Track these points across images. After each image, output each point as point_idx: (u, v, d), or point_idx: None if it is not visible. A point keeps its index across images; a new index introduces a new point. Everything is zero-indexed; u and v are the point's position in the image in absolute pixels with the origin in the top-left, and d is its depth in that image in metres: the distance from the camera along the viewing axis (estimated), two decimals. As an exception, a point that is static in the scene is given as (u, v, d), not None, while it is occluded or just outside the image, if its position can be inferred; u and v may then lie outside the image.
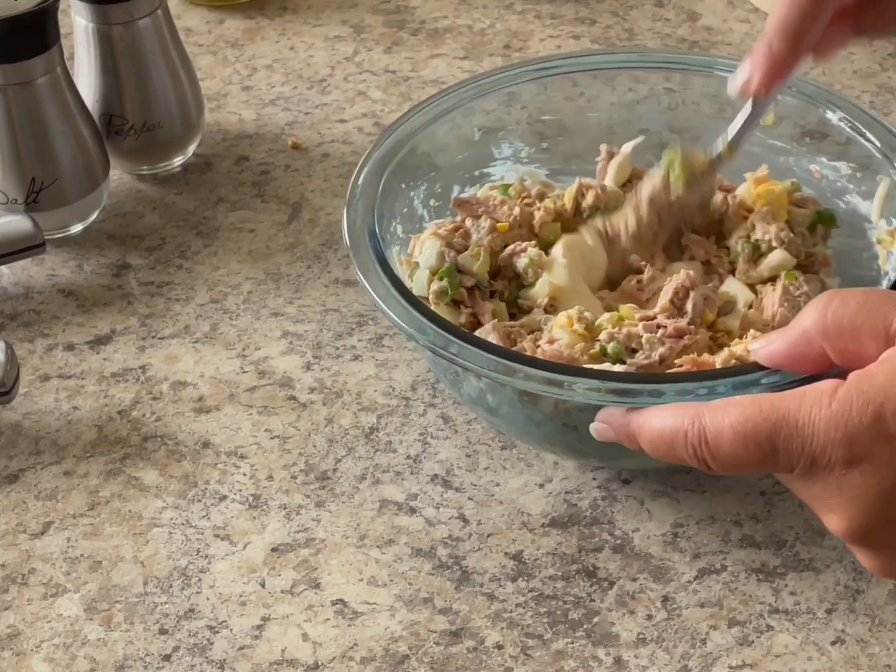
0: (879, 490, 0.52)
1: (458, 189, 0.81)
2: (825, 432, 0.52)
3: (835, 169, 0.78)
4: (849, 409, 0.51)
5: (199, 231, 0.89)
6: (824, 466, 0.52)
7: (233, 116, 0.98)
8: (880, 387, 0.51)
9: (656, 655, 0.66)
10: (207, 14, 1.09)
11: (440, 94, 0.81)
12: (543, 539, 0.71)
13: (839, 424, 0.51)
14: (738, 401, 0.55)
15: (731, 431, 0.54)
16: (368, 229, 0.73)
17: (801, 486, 0.54)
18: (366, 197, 0.75)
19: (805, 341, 0.56)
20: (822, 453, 0.52)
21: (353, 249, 0.72)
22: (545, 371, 0.65)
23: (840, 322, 0.54)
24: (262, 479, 0.74)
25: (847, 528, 0.53)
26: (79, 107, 0.86)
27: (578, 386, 0.64)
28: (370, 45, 1.05)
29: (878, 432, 0.51)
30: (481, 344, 0.66)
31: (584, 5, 1.08)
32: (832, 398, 0.52)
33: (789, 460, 0.53)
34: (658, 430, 0.58)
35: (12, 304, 0.85)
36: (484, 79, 0.82)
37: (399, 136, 0.78)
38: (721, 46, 1.03)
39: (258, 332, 0.82)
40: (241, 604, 0.68)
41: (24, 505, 0.73)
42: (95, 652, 0.67)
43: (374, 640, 0.67)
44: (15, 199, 0.86)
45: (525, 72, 0.82)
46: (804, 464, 0.53)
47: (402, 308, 0.68)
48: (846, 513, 0.53)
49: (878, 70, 1.01)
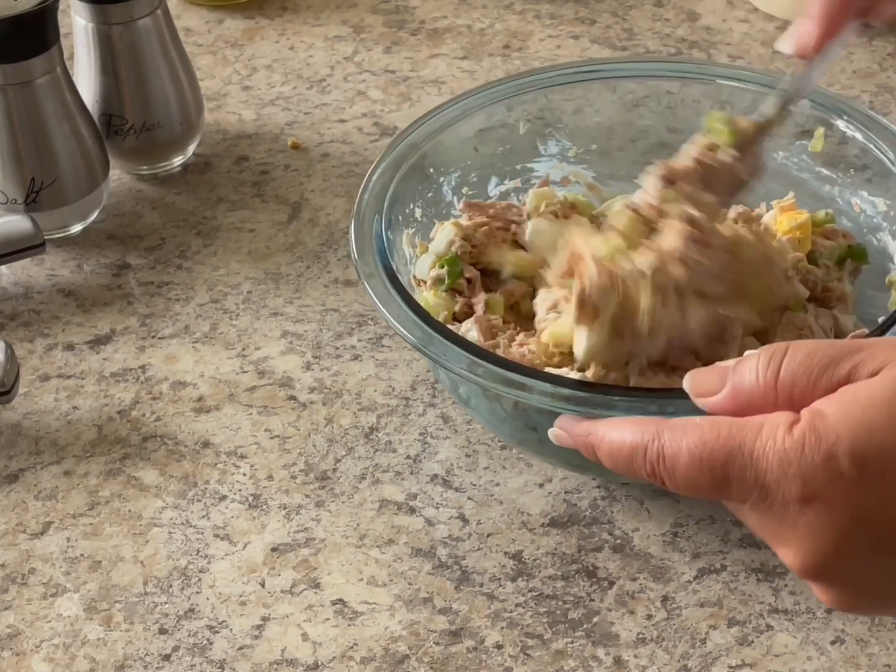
0: (833, 528, 0.51)
1: (496, 180, 0.82)
2: (778, 467, 0.52)
3: (873, 204, 0.77)
4: (802, 446, 0.51)
5: (198, 231, 0.89)
6: (779, 501, 0.52)
7: (232, 116, 0.98)
8: (832, 427, 0.51)
9: (656, 655, 0.66)
10: (207, 14, 1.09)
11: (485, 86, 0.81)
12: (543, 539, 0.71)
13: (792, 461, 0.51)
14: (699, 423, 0.54)
15: (688, 454, 0.54)
16: (375, 212, 0.74)
17: (756, 519, 0.54)
18: (381, 184, 0.75)
19: (751, 405, 0.55)
20: (775, 488, 0.52)
21: (357, 223, 0.73)
22: (503, 370, 0.65)
23: (790, 393, 0.53)
24: (261, 479, 0.74)
25: (802, 564, 0.53)
26: (78, 107, 0.86)
27: (532, 389, 0.64)
28: (370, 44, 1.05)
29: (831, 471, 0.51)
30: (451, 337, 0.67)
31: (584, 5, 1.08)
32: (787, 434, 0.52)
33: (742, 491, 0.53)
34: (618, 444, 0.57)
35: (12, 304, 0.85)
36: (536, 74, 0.82)
37: (437, 122, 0.79)
38: (720, 46, 1.03)
39: (258, 331, 0.82)
40: (241, 604, 0.68)
41: (24, 505, 0.73)
42: (95, 652, 0.67)
43: (374, 639, 0.67)
44: (15, 199, 0.86)
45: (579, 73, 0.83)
46: (758, 496, 0.53)
47: (384, 290, 0.69)
48: (801, 549, 0.52)
49: (877, 70, 1.01)
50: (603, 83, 0.82)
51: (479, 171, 0.81)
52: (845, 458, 0.50)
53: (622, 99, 0.82)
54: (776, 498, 0.52)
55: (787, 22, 1.04)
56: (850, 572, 0.53)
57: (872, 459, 0.50)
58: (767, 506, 0.52)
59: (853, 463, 0.50)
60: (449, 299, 0.76)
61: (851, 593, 0.54)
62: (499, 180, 0.82)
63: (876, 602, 0.55)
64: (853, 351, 0.53)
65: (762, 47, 1.02)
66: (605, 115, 0.82)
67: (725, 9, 1.07)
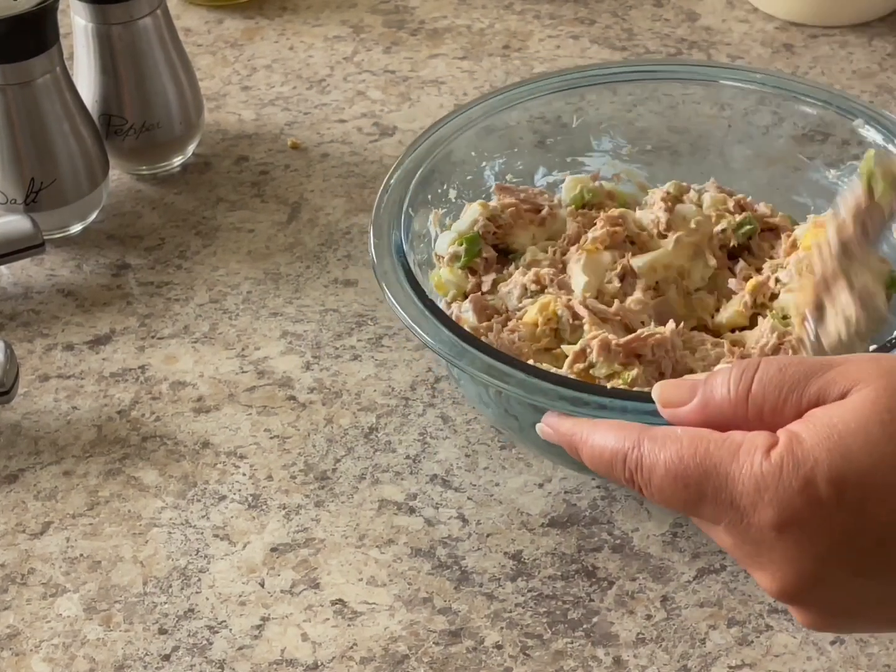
0: (812, 554, 0.51)
1: (543, 171, 0.82)
2: (755, 492, 0.51)
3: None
4: (779, 471, 0.51)
5: (198, 231, 0.89)
6: (755, 526, 0.52)
7: (232, 116, 0.98)
8: (809, 451, 0.50)
9: (656, 655, 0.66)
10: (207, 14, 1.09)
11: (541, 77, 0.82)
12: (543, 539, 0.71)
13: (769, 486, 0.51)
14: (679, 436, 0.54)
15: (664, 468, 0.53)
16: (396, 198, 0.75)
17: (731, 541, 0.53)
18: (408, 170, 0.76)
19: (721, 417, 0.54)
20: (751, 512, 0.51)
21: (377, 210, 0.74)
22: (487, 356, 0.65)
23: (760, 408, 0.53)
24: (261, 479, 0.74)
25: (780, 588, 0.52)
26: (78, 107, 0.86)
27: (510, 379, 0.64)
28: (369, 45, 1.05)
29: (809, 497, 0.50)
30: (441, 317, 0.67)
31: (584, 5, 1.08)
32: (764, 458, 0.51)
33: (716, 512, 0.53)
34: (599, 448, 0.57)
35: (12, 304, 0.85)
36: (598, 70, 0.83)
37: (487, 107, 0.79)
38: (720, 46, 1.03)
39: (257, 332, 0.82)
40: (241, 604, 0.68)
41: (24, 505, 0.73)
42: (95, 652, 0.67)
43: (374, 639, 0.67)
44: (14, 199, 0.86)
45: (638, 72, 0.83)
46: (733, 518, 0.52)
47: (391, 263, 0.70)
48: (778, 573, 0.52)
49: (877, 70, 1.01)
50: (666, 84, 0.82)
51: (526, 160, 0.81)
52: (823, 484, 0.50)
53: (685, 102, 0.82)
54: (752, 521, 0.51)
55: (787, 22, 1.04)
56: (828, 596, 0.52)
57: (851, 484, 0.50)
58: (743, 529, 0.52)
59: (831, 488, 0.50)
60: (462, 277, 0.76)
61: (829, 615, 0.53)
62: (546, 171, 0.82)
63: (854, 621, 0.54)
64: (825, 368, 0.52)
65: (762, 47, 1.02)
66: (661, 118, 0.82)
67: (725, 9, 1.07)
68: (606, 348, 0.69)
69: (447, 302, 0.76)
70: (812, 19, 1.03)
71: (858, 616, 0.54)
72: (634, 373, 0.68)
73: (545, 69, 1.01)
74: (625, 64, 0.91)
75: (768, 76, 0.81)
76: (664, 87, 0.82)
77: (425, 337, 0.67)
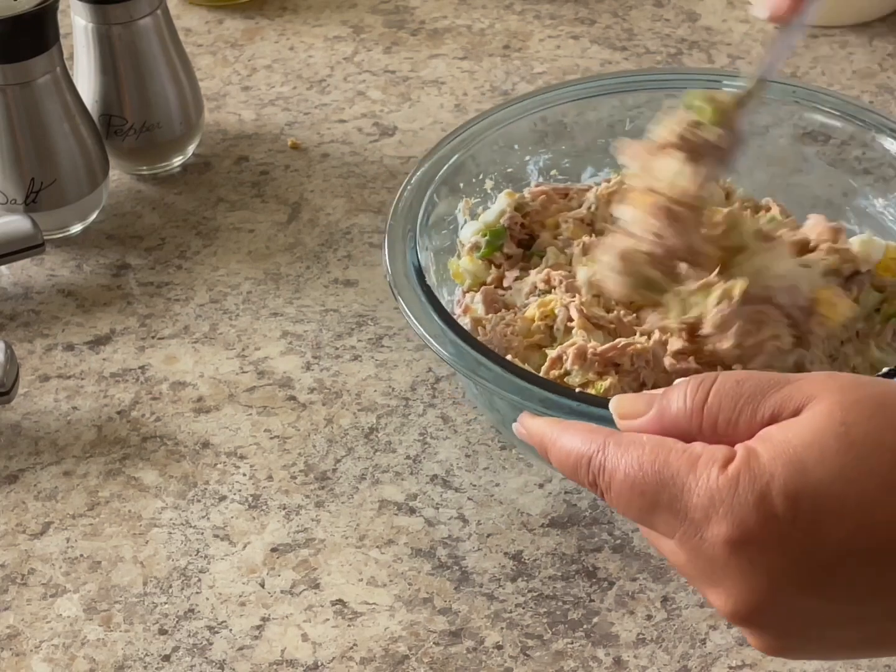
0: (767, 570, 0.50)
1: (591, 170, 0.82)
2: (710, 505, 0.50)
3: None
4: (735, 485, 0.50)
5: (198, 231, 0.89)
6: (708, 540, 0.51)
7: (232, 116, 0.98)
8: (765, 466, 0.50)
9: (656, 655, 0.66)
10: (207, 14, 1.09)
11: (596, 77, 0.82)
12: (543, 539, 0.71)
13: (724, 500, 0.50)
14: (643, 442, 0.53)
15: (623, 473, 0.53)
16: (414, 198, 0.75)
17: (684, 557, 0.52)
18: (450, 148, 0.77)
19: (675, 428, 0.54)
20: (705, 525, 0.51)
21: (394, 211, 0.74)
22: (469, 347, 0.65)
23: (715, 418, 0.52)
24: (261, 480, 0.74)
25: (734, 607, 0.51)
26: (78, 107, 0.86)
27: (482, 370, 0.64)
28: (370, 45, 1.05)
29: (765, 513, 0.49)
30: (437, 308, 0.68)
31: (584, 5, 1.08)
32: (721, 471, 0.50)
33: (669, 523, 0.52)
34: (566, 450, 0.56)
35: (12, 304, 0.85)
36: (649, 74, 0.83)
37: (539, 101, 0.80)
38: (720, 47, 1.03)
39: (258, 332, 0.82)
40: (241, 604, 0.68)
41: (24, 505, 0.73)
42: (95, 652, 0.67)
43: (374, 640, 0.67)
44: (14, 199, 0.86)
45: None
46: (686, 531, 0.51)
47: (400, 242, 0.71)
48: (733, 591, 0.51)
49: (877, 70, 1.01)
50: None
51: (573, 158, 0.81)
52: (779, 498, 0.49)
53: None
54: (705, 536, 0.51)
55: (787, 22, 1.04)
56: (781, 618, 0.51)
57: (807, 498, 0.49)
58: (696, 544, 0.51)
59: (787, 503, 0.49)
60: (481, 268, 0.76)
61: (783, 637, 0.52)
62: (594, 171, 0.82)
63: (808, 645, 0.53)
64: (781, 383, 0.52)
65: (762, 48, 1.02)
66: None
67: (725, 9, 1.07)
68: (582, 356, 0.69)
69: (463, 291, 0.76)
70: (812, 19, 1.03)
71: (812, 640, 0.52)
72: (607, 383, 0.68)
73: (545, 69, 1.01)
74: (688, 70, 0.90)
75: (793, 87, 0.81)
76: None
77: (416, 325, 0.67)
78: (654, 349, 0.69)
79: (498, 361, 0.65)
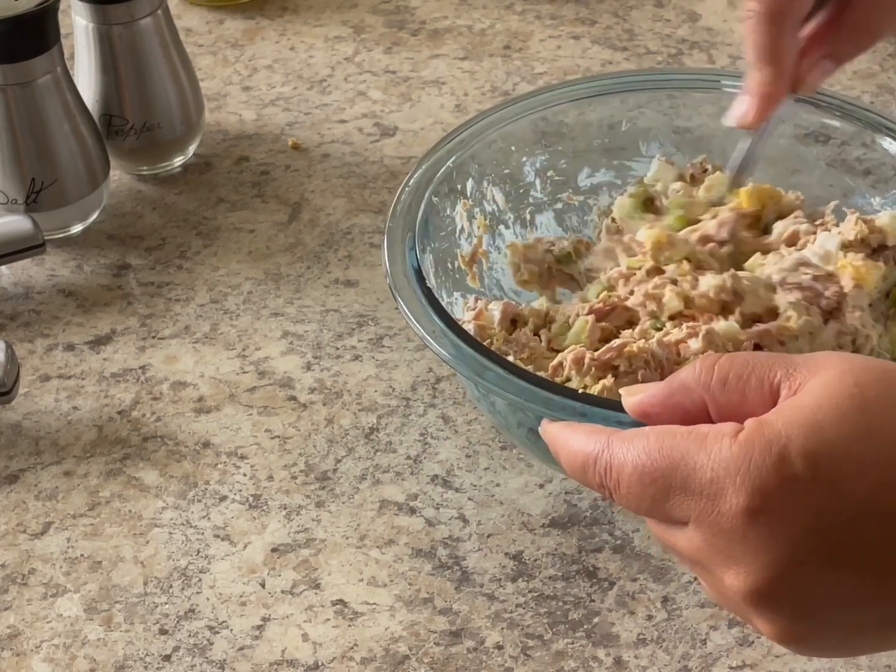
0: (785, 540, 0.49)
1: (588, 170, 0.81)
2: (725, 476, 0.50)
3: None
4: (751, 450, 0.49)
5: (199, 231, 0.89)
6: (727, 513, 0.50)
7: (233, 117, 0.98)
8: (781, 430, 0.49)
9: (656, 656, 0.66)
10: (207, 14, 1.09)
11: (597, 77, 0.82)
12: (543, 539, 0.71)
13: (740, 468, 0.49)
14: (646, 432, 0.52)
15: (631, 466, 0.52)
16: (426, 181, 0.75)
17: (700, 538, 0.51)
18: (432, 167, 0.76)
19: (684, 391, 0.54)
20: (722, 498, 0.50)
21: (393, 216, 0.73)
22: (471, 348, 0.65)
23: (726, 375, 0.52)
24: (262, 480, 0.74)
25: (752, 585, 0.50)
26: (79, 107, 0.86)
27: (489, 374, 0.64)
28: (370, 45, 1.05)
29: (784, 474, 0.49)
30: (437, 309, 0.67)
31: (585, 6, 1.08)
32: (733, 441, 0.50)
33: (683, 505, 0.51)
34: (574, 451, 0.55)
35: (12, 304, 0.85)
36: (655, 74, 0.83)
37: (533, 102, 0.79)
38: (721, 47, 1.03)
39: (258, 332, 0.82)
40: (241, 604, 0.68)
41: (24, 505, 0.73)
42: (95, 652, 0.67)
43: (374, 640, 0.67)
44: (15, 199, 0.86)
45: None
46: (703, 509, 0.50)
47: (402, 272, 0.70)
48: (751, 567, 0.50)
49: (878, 70, 1.01)
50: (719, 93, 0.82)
51: (570, 158, 0.81)
52: (798, 459, 0.49)
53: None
54: (722, 509, 0.50)
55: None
56: (801, 591, 0.50)
57: (825, 457, 0.49)
58: (714, 520, 0.50)
59: (806, 463, 0.49)
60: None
61: (800, 619, 0.51)
62: (591, 171, 0.81)
63: (823, 632, 0.51)
64: (791, 357, 0.52)
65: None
66: (707, 128, 0.82)
67: (726, 9, 1.07)
68: (580, 361, 0.69)
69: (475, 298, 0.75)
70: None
71: (831, 623, 0.51)
72: (599, 387, 0.67)
73: (546, 70, 1.01)
74: (683, 71, 0.90)
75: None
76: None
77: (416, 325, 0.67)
78: (652, 349, 0.69)
79: (499, 362, 0.65)
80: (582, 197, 0.81)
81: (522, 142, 0.80)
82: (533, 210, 0.80)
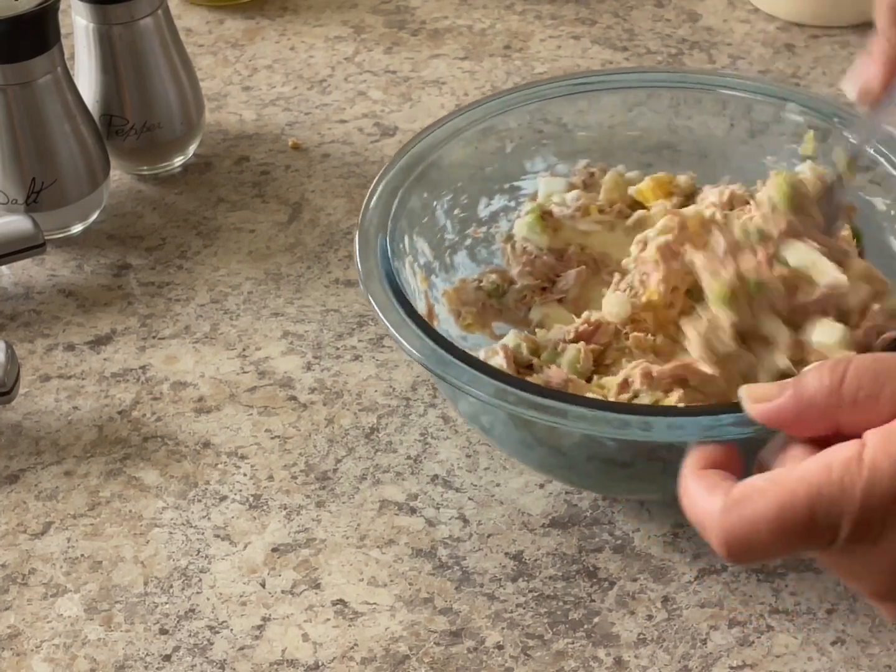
0: None
1: (485, 200, 0.81)
2: (865, 500, 0.49)
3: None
4: (882, 473, 0.49)
5: (199, 231, 0.89)
6: (871, 535, 0.50)
7: (233, 117, 0.98)
8: None
9: (656, 656, 0.66)
10: (207, 14, 1.09)
11: (470, 106, 0.80)
12: (544, 539, 0.71)
13: (874, 492, 0.49)
14: (763, 488, 0.51)
15: (766, 522, 0.51)
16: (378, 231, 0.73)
17: (849, 557, 0.51)
18: (382, 207, 0.74)
19: (814, 409, 0.53)
20: (865, 521, 0.50)
21: (363, 255, 0.72)
22: (536, 396, 0.63)
23: (856, 394, 0.51)
24: (262, 480, 0.74)
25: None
26: (79, 107, 0.86)
27: (570, 414, 0.62)
28: (370, 45, 1.05)
29: None
30: (474, 364, 0.66)
31: (585, 6, 1.08)
32: (860, 465, 0.50)
33: (830, 534, 0.51)
34: (690, 501, 0.55)
35: (12, 304, 0.85)
36: (517, 92, 0.82)
37: (424, 145, 0.78)
38: (721, 47, 1.03)
39: (258, 332, 0.82)
40: (242, 604, 0.68)
41: (25, 505, 0.73)
42: (95, 652, 0.67)
43: (375, 640, 0.67)
44: (15, 199, 0.86)
45: (557, 87, 0.82)
46: (849, 532, 0.50)
47: (399, 317, 0.68)
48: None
49: (878, 70, 1.00)
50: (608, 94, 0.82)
51: (468, 194, 0.80)
52: None
53: (625, 105, 0.82)
54: (869, 531, 0.50)
55: (788, 22, 1.04)
56: None
57: None
58: (864, 539, 0.50)
59: None
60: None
61: None
62: (488, 200, 0.81)
63: None
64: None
65: (763, 48, 1.02)
66: (594, 131, 0.82)
67: (726, 9, 1.07)
68: (648, 376, 0.68)
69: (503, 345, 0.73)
70: (813, 20, 1.03)
71: None
72: (675, 398, 0.66)
73: (546, 70, 1.01)
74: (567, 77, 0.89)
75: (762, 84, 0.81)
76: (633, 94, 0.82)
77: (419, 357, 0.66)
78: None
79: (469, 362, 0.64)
80: (485, 227, 0.80)
81: (423, 188, 0.78)
82: (450, 252, 0.79)
